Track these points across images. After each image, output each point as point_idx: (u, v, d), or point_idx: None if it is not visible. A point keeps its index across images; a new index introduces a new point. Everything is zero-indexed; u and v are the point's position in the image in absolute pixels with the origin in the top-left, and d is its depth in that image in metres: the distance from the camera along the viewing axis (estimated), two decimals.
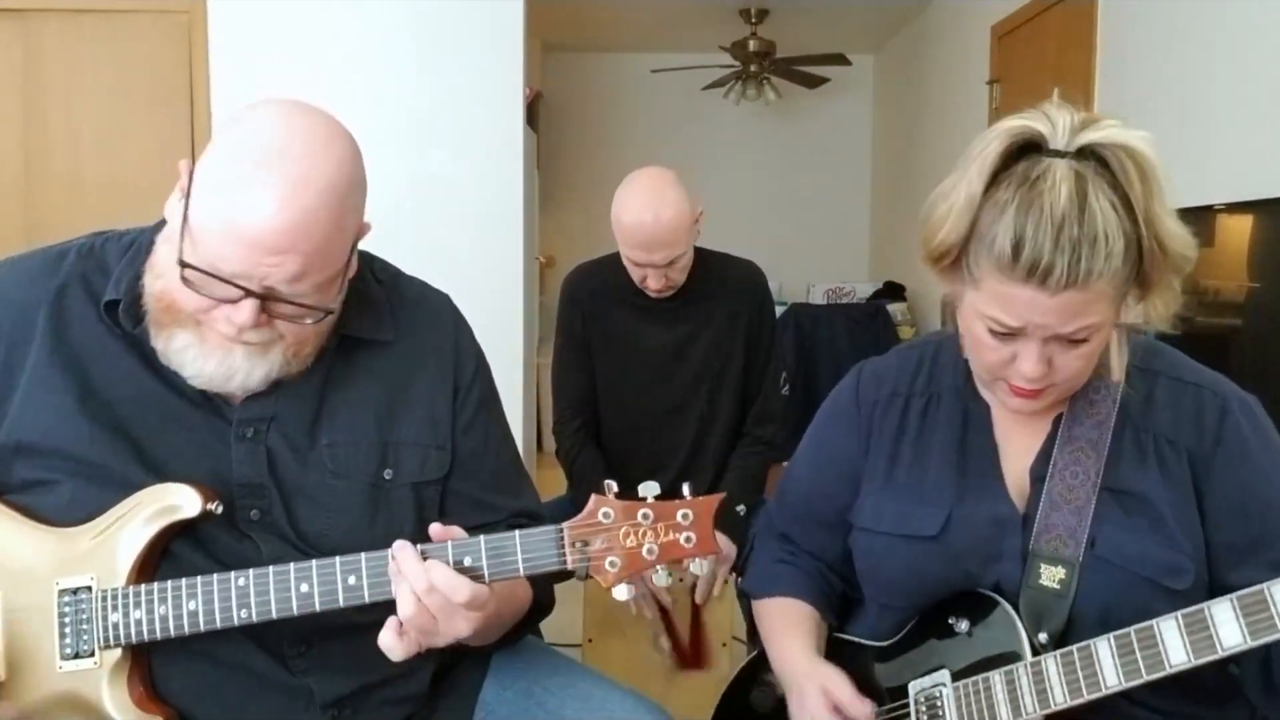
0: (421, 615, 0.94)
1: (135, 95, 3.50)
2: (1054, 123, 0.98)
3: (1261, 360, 2.15)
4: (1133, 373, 1.08)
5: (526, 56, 3.62)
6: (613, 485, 0.97)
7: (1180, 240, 0.97)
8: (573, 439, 2.12)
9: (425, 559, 0.96)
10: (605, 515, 0.96)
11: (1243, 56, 2.57)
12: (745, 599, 1.33)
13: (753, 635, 1.32)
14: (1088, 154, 0.97)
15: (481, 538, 0.97)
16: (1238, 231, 2.32)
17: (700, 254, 2.10)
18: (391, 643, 0.96)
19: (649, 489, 0.96)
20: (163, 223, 1.08)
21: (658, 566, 0.96)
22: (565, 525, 0.96)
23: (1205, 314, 2.32)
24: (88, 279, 1.08)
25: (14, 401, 1.04)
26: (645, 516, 0.95)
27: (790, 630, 1.20)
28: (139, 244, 1.09)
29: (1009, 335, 0.99)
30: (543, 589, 1.19)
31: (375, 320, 1.13)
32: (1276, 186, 2.28)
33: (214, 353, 1.00)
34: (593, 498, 0.97)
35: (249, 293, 0.95)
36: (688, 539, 0.95)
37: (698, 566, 0.96)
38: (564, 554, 0.96)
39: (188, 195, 0.97)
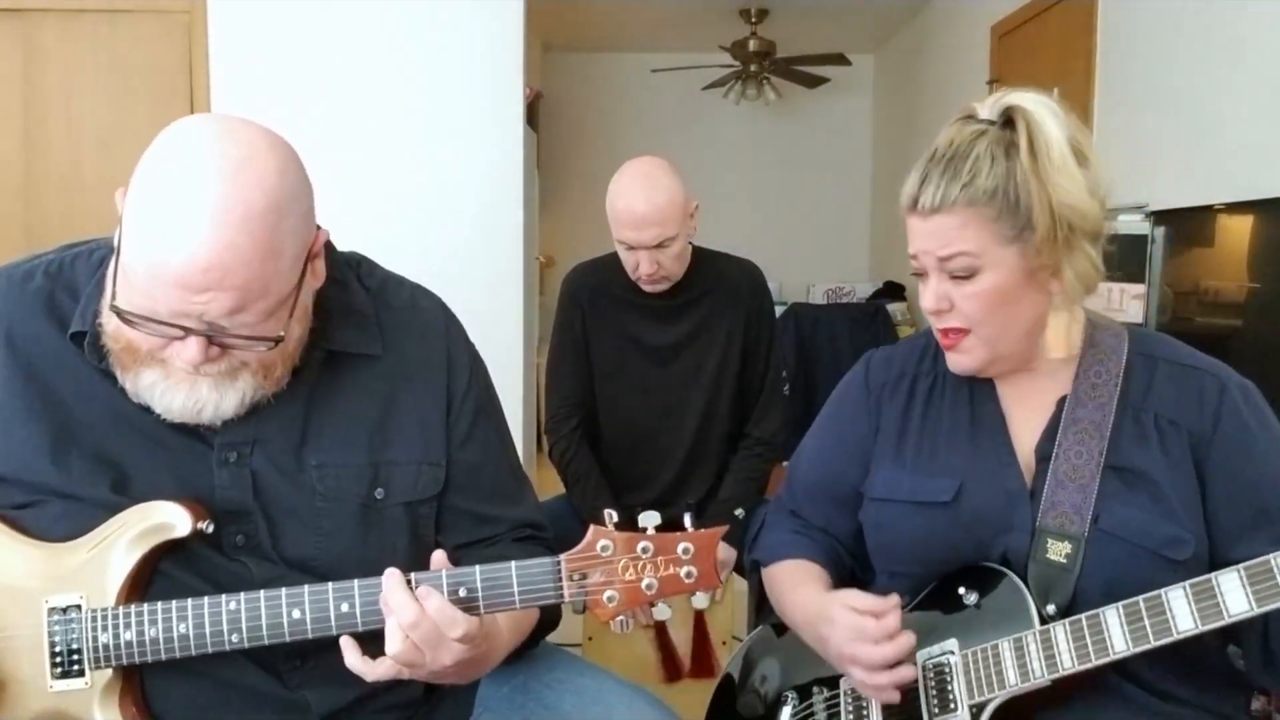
0: (409, 651, 0.92)
1: (135, 95, 3.50)
2: (990, 101, 1.11)
3: (1261, 360, 2.15)
4: (1134, 359, 1.13)
5: (526, 56, 3.62)
6: (613, 515, 0.96)
7: (1071, 193, 1.05)
8: (567, 440, 2.12)
9: (419, 587, 0.93)
10: (604, 548, 0.94)
11: (1243, 56, 2.57)
12: (756, 572, 1.36)
13: (760, 609, 1.34)
14: (1004, 121, 1.09)
15: (478, 568, 0.95)
16: (1238, 231, 2.33)
17: (699, 253, 2.10)
18: (358, 665, 0.94)
19: (649, 519, 0.96)
20: None
21: (659, 601, 0.94)
22: (563, 557, 0.95)
23: (1205, 314, 2.32)
24: (54, 302, 1.04)
25: None
26: (645, 550, 0.94)
27: (803, 582, 1.22)
28: (105, 264, 1.04)
29: (922, 275, 1.12)
30: (548, 606, 1.15)
31: (361, 333, 1.09)
32: (1276, 186, 2.28)
33: (179, 387, 0.97)
34: (591, 529, 0.95)
35: (190, 330, 0.92)
36: (689, 574, 0.94)
37: (699, 600, 0.95)
38: (561, 587, 0.94)
39: (120, 231, 0.94)
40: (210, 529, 0.99)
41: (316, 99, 3.41)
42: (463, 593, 0.94)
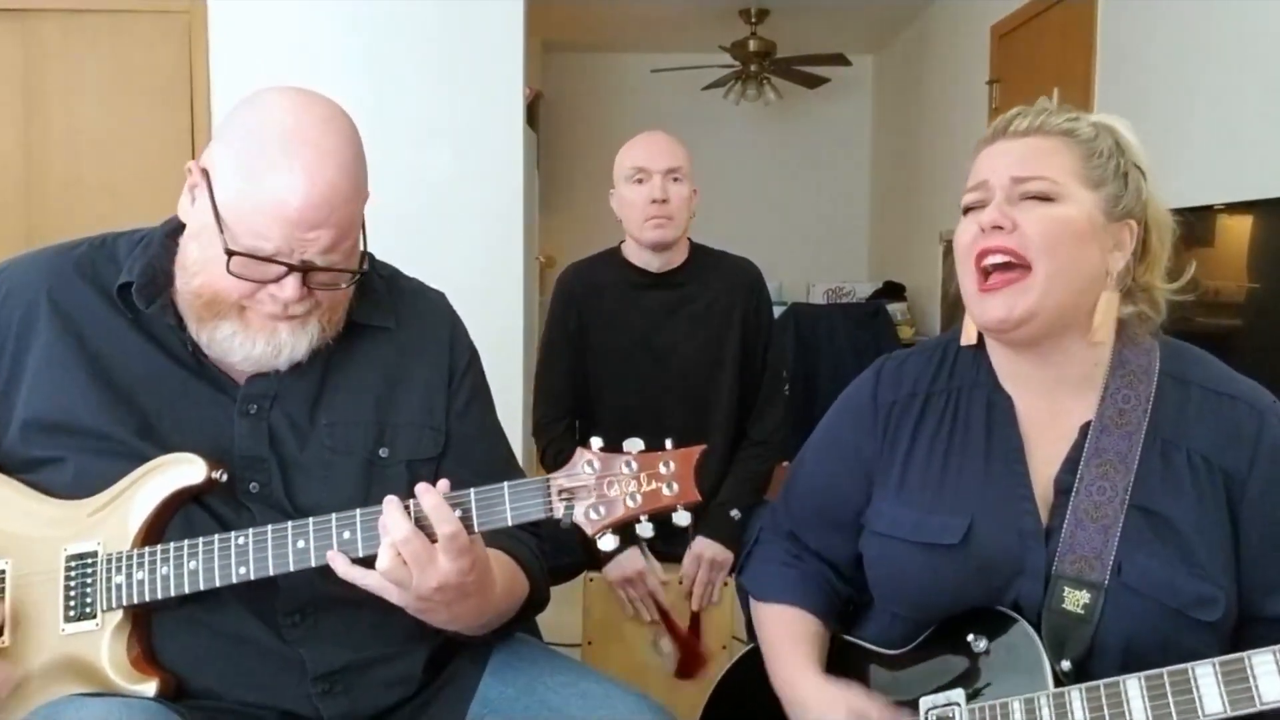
0: (398, 567, 0.96)
1: (135, 95, 3.50)
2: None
3: (1261, 361, 2.15)
4: (1166, 382, 1.06)
5: (526, 56, 3.62)
6: (598, 440, 1.00)
7: (1155, 194, 1.08)
8: (561, 441, 2.12)
9: (418, 485, 0.99)
10: (590, 465, 0.98)
11: (1242, 56, 2.57)
12: (744, 594, 1.31)
13: (751, 630, 1.31)
14: None
15: (471, 490, 1.00)
16: (1238, 231, 2.32)
17: (696, 248, 2.11)
18: (345, 570, 0.98)
19: (632, 444, 0.98)
20: (170, 220, 1.13)
21: (641, 517, 0.97)
22: (550, 476, 0.99)
23: (1205, 314, 2.31)
24: (96, 267, 1.13)
25: (24, 383, 1.08)
26: (628, 466, 0.98)
27: (797, 647, 1.17)
28: (149, 238, 1.14)
29: (979, 207, 1.07)
30: (538, 584, 1.19)
31: (376, 309, 1.19)
32: (1276, 186, 2.28)
33: (259, 335, 1.06)
34: (578, 450, 0.99)
35: (291, 268, 1.02)
36: (669, 487, 0.97)
37: (680, 517, 0.98)
38: (550, 503, 0.98)
39: (210, 191, 1.03)
40: (224, 478, 1.06)
41: None
42: (459, 512, 0.99)
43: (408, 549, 0.96)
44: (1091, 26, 3.32)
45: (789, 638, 1.18)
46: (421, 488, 0.99)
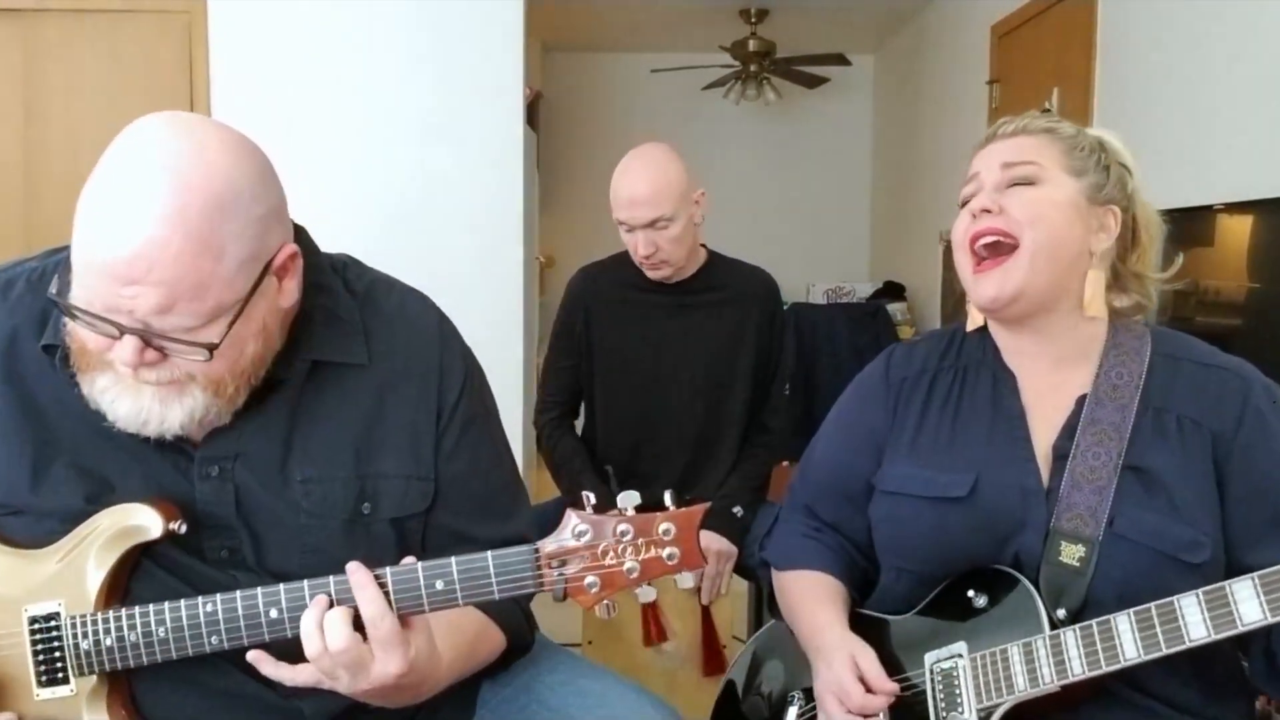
0: (325, 659, 0.90)
1: (135, 95, 3.50)
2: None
3: (1262, 360, 2.15)
4: (1157, 360, 1.13)
5: (526, 56, 3.62)
6: (590, 498, 0.92)
7: (1143, 194, 1.18)
8: (552, 426, 2.13)
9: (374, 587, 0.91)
10: (582, 533, 0.90)
11: (1243, 56, 2.57)
12: (766, 569, 1.35)
13: (772, 608, 1.34)
14: None
15: (454, 560, 0.91)
16: (1238, 231, 2.32)
17: (712, 256, 2.10)
18: (274, 673, 0.93)
19: (628, 499, 0.91)
20: None
21: (642, 584, 0.91)
22: (540, 544, 0.91)
23: (1205, 314, 2.32)
24: (34, 311, 1.03)
25: None
26: (624, 533, 0.89)
27: (821, 600, 1.22)
28: None
29: (970, 200, 1.16)
30: (516, 631, 1.13)
31: (346, 342, 1.05)
32: (1276, 186, 2.28)
33: (126, 395, 0.93)
34: (568, 512, 0.91)
35: (124, 329, 0.89)
36: (670, 555, 0.89)
37: (683, 580, 0.92)
38: (540, 576, 0.90)
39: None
40: (183, 529, 0.98)
41: (317, 99, 3.42)
42: (440, 585, 0.91)
43: (344, 659, 0.89)
44: (1091, 26, 3.32)
45: (814, 596, 1.23)
46: (358, 583, 0.90)
